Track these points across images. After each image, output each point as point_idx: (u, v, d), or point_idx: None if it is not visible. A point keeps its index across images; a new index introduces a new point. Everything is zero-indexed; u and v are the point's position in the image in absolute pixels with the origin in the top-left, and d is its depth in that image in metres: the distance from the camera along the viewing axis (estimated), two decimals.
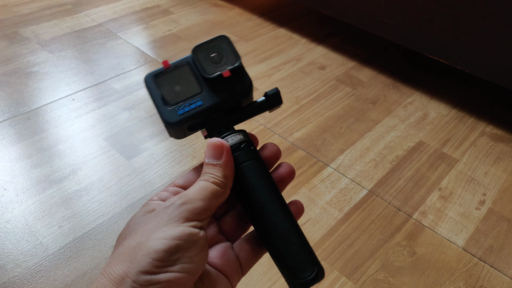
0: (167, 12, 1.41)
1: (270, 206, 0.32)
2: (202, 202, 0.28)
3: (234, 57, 0.34)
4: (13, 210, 0.74)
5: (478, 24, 0.89)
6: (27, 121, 0.93)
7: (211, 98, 0.33)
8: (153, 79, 0.33)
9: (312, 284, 0.30)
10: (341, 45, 1.28)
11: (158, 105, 0.33)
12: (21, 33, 1.24)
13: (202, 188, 0.29)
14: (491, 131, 0.99)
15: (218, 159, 0.31)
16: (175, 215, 0.27)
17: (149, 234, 0.26)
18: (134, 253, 0.26)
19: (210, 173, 0.30)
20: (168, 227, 0.27)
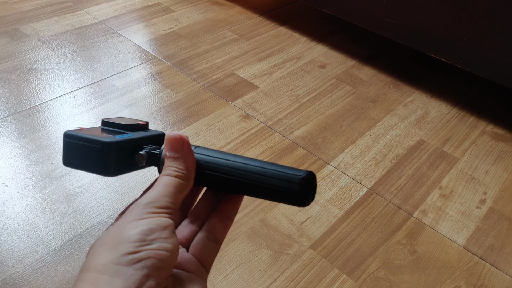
0: (168, 10, 1.41)
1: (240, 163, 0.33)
2: (167, 198, 0.29)
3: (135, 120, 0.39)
4: (14, 207, 0.74)
5: (479, 23, 0.90)
6: (28, 118, 0.93)
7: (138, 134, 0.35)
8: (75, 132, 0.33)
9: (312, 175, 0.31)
10: (341, 44, 1.28)
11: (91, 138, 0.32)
12: (22, 30, 1.24)
13: (166, 184, 0.30)
14: (492, 130, 0.99)
15: (179, 152, 0.31)
16: (143, 212, 0.28)
17: (120, 228, 0.27)
18: (111, 244, 0.26)
19: (172, 166, 0.31)
20: (138, 220, 0.27)
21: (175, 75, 1.10)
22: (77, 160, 0.33)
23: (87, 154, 0.32)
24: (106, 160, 0.32)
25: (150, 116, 0.96)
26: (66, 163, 0.33)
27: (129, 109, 0.97)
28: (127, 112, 0.96)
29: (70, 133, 0.33)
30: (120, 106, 0.98)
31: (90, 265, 0.26)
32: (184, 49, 1.21)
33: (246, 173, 0.32)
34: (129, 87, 1.05)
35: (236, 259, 0.69)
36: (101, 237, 0.28)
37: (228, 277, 0.67)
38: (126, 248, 0.26)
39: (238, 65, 1.15)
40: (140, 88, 1.04)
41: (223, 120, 0.96)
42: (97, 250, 0.27)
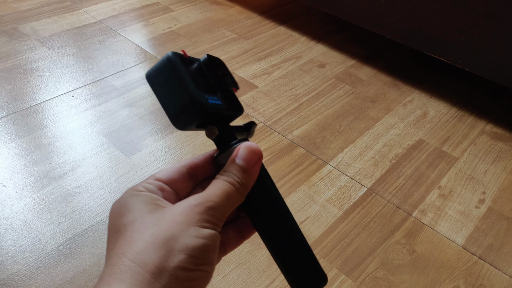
0: (167, 10, 1.41)
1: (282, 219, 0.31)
2: (225, 209, 0.28)
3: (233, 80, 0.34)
4: (12, 207, 0.74)
5: (478, 22, 0.89)
6: (27, 118, 0.93)
7: (226, 103, 0.32)
8: (179, 59, 0.30)
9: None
10: (340, 43, 1.28)
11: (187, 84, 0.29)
12: (20, 30, 1.24)
13: (227, 193, 0.28)
14: (491, 130, 0.99)
15: (250, 166, 0.30)
16: (204, 217, 0.27)
17: (181, 229, 0.26)
18: (168, 246, 0.25)
19: (237, 176, 0.29)
20: (196, 225, 0.26)
21: None
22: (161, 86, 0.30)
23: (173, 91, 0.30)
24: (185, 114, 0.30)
25: (148, 116, 0.95)
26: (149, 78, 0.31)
27: (128, 109, 0.97)
28: (126, 112, 0.96)
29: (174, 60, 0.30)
30: (119, 106, 0.98)
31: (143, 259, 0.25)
32: (183, 48, 1.21)
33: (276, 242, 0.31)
34: (128, 86, 1.04)
35: (235, 259, 0.69)
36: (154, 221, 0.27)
37: (226, 278, 0.66)
38: (185, 261, 0.25)
39: (237, 64, 1.14)
40: (139, 88, 1.04)
41: None
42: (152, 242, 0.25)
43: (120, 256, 0.25)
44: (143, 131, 0.91)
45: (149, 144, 0.88)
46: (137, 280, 0.24)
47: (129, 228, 0.27)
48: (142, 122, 0.94)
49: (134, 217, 0.27)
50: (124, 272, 0.24)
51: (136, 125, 0.93)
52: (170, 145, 0.88)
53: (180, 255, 0.25)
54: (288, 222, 0.32)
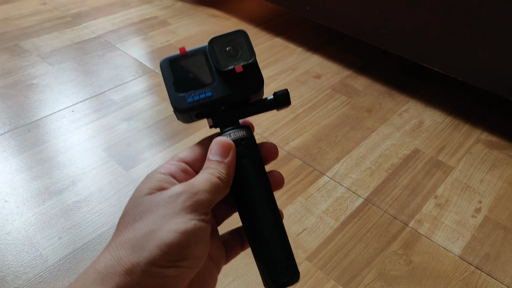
0: (165, 23, 1.43)
1: (261, 205, 0.32)
2: (208, 195, 0.29)
3: (249, 53, 0.34)
4: (13, 222, 0.75)
5: (471, 33, 0.91)
6: (28, 133, 0.94)
7: (221, 90, 0.33)
8: (168, 64, 0.34)
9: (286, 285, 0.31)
10: (336, 54, 1.29)
11: (169, 90, 0.33)
12: (22, 46, 1.26)
13: (209, 180, 0.30)
14: (486, 138, 1.00)
15: (224, 158, 0.31)
16: (187, 205, 0.27)
17: (160, 223, 0.27)
18: (145, 241, 0.26)
19: (215, 168, 0.31)
20: (180, 219, 0.27)
21: None
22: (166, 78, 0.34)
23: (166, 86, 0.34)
24: (176, 115, 0.34)
25: (147, 130, 0.97)
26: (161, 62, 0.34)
27: (127, 123, 0.98)
28: (124, 126, 0.98)
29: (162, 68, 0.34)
30: (118, 120, 0.99)
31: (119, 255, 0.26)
32: None
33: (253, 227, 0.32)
34: (127, 100, 1.06)
35: (232, 272, 0.70)
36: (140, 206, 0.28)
37: None
38: (158, 257, 0.25)
39: None
40: (138, 102, 1.06)
41: None
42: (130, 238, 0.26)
43: (106, 249, 0.27)
44: (142, 145, 0.93)
45: (148, 157, 0.89)
46: (112, 274, 0.25)
47: (121, 220, 0.28)
48: (140, 136, 0.95)
49: (128, 207, 0.29)
50: (102, 267, 0.25)
51: (135, 139, 0.94)
52: (168, 158, 0.89)
53: (154, 251, 0.25)
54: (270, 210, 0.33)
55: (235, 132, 0.33)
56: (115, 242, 0.27)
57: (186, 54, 0.34)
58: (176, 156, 0.33)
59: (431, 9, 0.95)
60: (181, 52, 0.34)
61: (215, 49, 0.34)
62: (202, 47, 0.34)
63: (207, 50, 0.34)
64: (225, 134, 0.33)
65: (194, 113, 0.34)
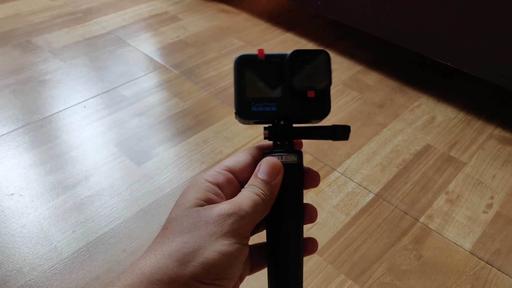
0: (175, 19, 1.44)
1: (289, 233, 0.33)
2: (252, 218, 0.30)
3: (326, 78, 0.33)
4: (28, 216, 0.76)
5: (484, 27, 0.90)
6: (41, 129, 0.96)
7: (287, 108, 0.33)
8: (244, 63, 0.33)
9: None
10: (347, 49, 1.29)
11: (237, 91, 0.33)
12: (34, 42, 1.27)
13: (254, 201, 0.30)
14: (499, 134, 0.99)
15: (272, 179, 0.32)
16: (233, 228, 0.29)
17: (208, 241, 0.28)
18: (192, 256, 0.27)
19: (260, 188, 0.31)
20: (226, 241, 0.28)
21: (183, 83, 1.12)
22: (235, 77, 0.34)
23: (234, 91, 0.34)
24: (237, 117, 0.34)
25: (158, 125, 0.97)
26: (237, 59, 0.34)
27: (138, 118, 0.99)
28: (136, 121, 0.98)
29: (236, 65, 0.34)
30: (129, 116, 1.00)
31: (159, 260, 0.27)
32: (192, 57, 1.23)
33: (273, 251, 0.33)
34: (138, 96, 1.07)
35: None
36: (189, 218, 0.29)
37: None
38: (200, 274, 0.27)
39: None
40: (149, 97, 1.07)
41: (231, 127, 0.98)
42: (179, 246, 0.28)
43: (151, 252, 0.28)
44: (153, 140, 0.93)
45: (159, 153, 0.90)
46: (154, 279, 0.27)
47: (169, 226, 0.30)
48: (152, 131, 0.96)
49: (176, 214, 0.30)
50: (147, 268, 0.27)
51: (146, 134, 0.95)
52: (180, 154, 0.90)
53: (198, 268, 0.27)
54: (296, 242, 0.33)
55: (287, 156, 0.33)
56: (162, 249, 0.28)
57: (264, 57, 0.33)
58: (222, 164, 0.34)
59: (444, 3, 0.94)
60: (259, 54, 0.33)
61: (295, 63, 0.33)
62: (281, 55, 0.33)
63: (286, 60, 0.33)
64: (277, 155, 0.33)
65: (254, 120, 0.34)
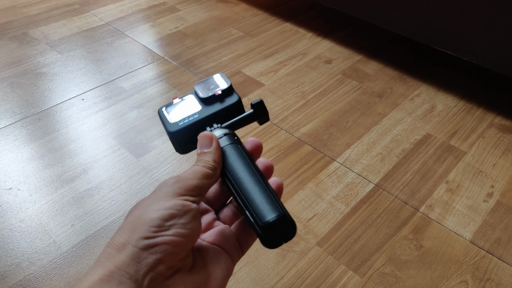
0: (174, 9, 1.42)
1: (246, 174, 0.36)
2: (193, 181, 0.32)
3: (225, 82, 0.42)
4: (27, 210, 0.76)
5: (484, 15, 0.89)
6: (39, 122, 0.95)
7: (206, 111, 0.40)
8: (164, 109, 0.41)
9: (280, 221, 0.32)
10: (347, 39, 1.28)
11: (165, 124, 0.40)
12: (30, 34, 1.26)
13: (194, 171, 0.33)
14: (500, 122, 0.98)
15: (208, 147, 0.36)
16: (169, 191, 0.31)
17: (146, 208, 0.30)
18: (134, 224, 0.29)
19: (202, 159, 0.35)
20: (163, 201, 0.30)
21: (182, 74, 1.11)
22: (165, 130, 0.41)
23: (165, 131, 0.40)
24: (173, 143, 0.40)
25: (157, 117, 0.97)
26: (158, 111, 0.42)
27: (137, 110, 0.99)
28: (135, 113, 0.98)
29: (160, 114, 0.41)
30: (128, 108, 1.00)
31: (113, 241, 0.29)
32: (190, 48, 1.22)
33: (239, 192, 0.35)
34: (136, 88, 1.06)
35: (244, 258, 0.70)
36: (132, 212, 0.31)
37: (235, 276, 0.68)
38: (144, 232, 0.28)
39: (244, 63, 1.15)
40: (147, 89, 1.06)
41: None
42: (123, 227, 0.30)
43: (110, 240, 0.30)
44: (152, 132, 0.93)
45: (158, 145, 0.90)
46: (105, 258, 0.28)
47: None
48: (150, 124, 0.95)
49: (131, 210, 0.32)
50: (101, 254, 0.29)
51: (145, 126, 0.95)
52: None
53: (142, 228, 0.29)
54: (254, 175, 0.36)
55: (218, 130, 0.39)
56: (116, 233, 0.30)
57: (177, 98, 0.42)
58: None
59: None
60: (174, 99, 0.42)
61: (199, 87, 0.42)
62: (191, 93, 0.42)
63: (194, 92, 0.42)
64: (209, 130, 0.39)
65: (187, 135, 0.39)
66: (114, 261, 0.27)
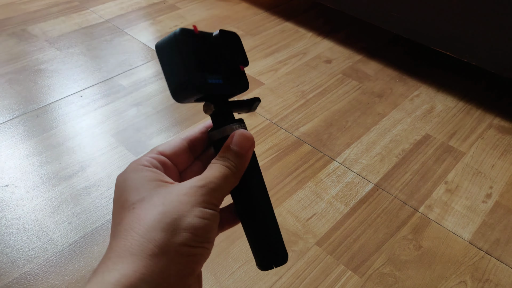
0: (174, 7, 1.42)
1: (260, 193, 0.34)
2: (224, 191, 0.31)
3: (245, 56, 0.35)
4: (23, 207, 0.76)
5: (484, 16, 0.89)
6: (36, 119, 0.95)
7: (229, 81, 0.34)
8: (187, 37, 0.31)
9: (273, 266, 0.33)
10: (347, 39, 1.28)
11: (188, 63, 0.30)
12: (29, 31, 1.26)
13: (225, 176, 0.31)
14: (499, 124, 0.98)
15: (244, 151, 0.32)
16: (207, 199, 0.29)
17: (186, 209, 0.28)
18: (175, 224, 0.27)
19: (232, 160, 0.32)
20: (203, 208, 0.29)
21: None
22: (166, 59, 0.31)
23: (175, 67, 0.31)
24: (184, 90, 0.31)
25: (156, 115, 0.96)
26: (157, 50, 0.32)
27: (136, 108, 0.98)
28: (133, 111, 0.97)
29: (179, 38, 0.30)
30: (127, 105, 0.99)
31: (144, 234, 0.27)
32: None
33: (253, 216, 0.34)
34: (135, 86, 1.06)
35: (242, 257, 0.70)
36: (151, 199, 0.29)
37: (234, 275, 0.67)
38: (189, 239, 0.27)
39: None
40: (146, 87, 1.05)
41: None
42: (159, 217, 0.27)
43: (129, 231, 0.27)
44: (151, 130, 0.92)
45: (157, 143, 0.89)
46: (146, 254, 0.26)
47: (137, 206, 0.29)
48: (149, 121, 0.95)
49: (141, 195, 0.29)
50: (133, 246, 0.27)
51: (144, 124, 0.94)
52: None
53: (185, 234, 0.27)
54: (267, 202, 0.34)
55: (242, 126, 0.34)
56: (140, 224, 0.28)
57: (200, 33, 0.32)
58: (155, 149, 0.33)
59: None
60: (195, 29, 0.32)
61: (223, 41, 0.33)
62: (209, 33, 0.33)
63: (217, 38, 0.33)
64: (234, 125, 0.33)
65: (205, 94, 0.32)
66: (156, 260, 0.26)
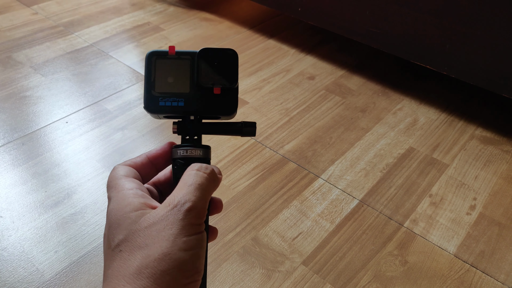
0: (158, 29, 1.43)
1: None
2: (203, 203, 0.30)
3: (233, 77, 0.34)
4: (9, 238, 0.76)
5: (461, 30, 0.91)
6: (22, 147, 0.95)
7: (194, 103, 0.34)
8: (155, 59, 0.34)
9: None
10: (329, 54, 1.29)
11: (146, 86, 0.34)
12: (14, 58, 1.26)
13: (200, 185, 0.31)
14: (481, 134, 0.99)
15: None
16: (188, 222, 0.29)
17: (170, 245, 0.28)
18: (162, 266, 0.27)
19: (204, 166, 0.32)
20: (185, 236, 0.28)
21: None
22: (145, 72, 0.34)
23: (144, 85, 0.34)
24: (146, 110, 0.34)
25: (141, 138, 0.97)
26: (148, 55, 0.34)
27: (121, 132, 0.99)
28: (119, 135, 0.98)
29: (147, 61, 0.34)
30: (112, 130, 0.99)
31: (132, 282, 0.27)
32: None
33: None
34: (121, 109, 1.06)
35: (229, 279, 0.70)
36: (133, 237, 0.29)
37: None
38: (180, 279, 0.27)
39: None
40: (132, 110, 1.06)
41: (214, 137, 0.97)
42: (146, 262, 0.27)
43: (119, 278, 0.27)
44: (136, 154, 0.92)
45: None
46: None
47: (123, 248, 0.29)
48: (135, 145, 0.95)
49: (125, 235, 0.29)
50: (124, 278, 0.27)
51: (129, 148, 0.94)
52: None
53: (174, 273, 0.27)
54: None
55: (192, 150, 0.34)
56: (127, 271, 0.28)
57: (174, 54, 0.34)
58: (145, 156, 0.36)
59: (422, 7, 0.94)
60: (170, 50, 0.34)
61: (203, 61, 0.34)
62: (191, 52, 0.34)
63: (195, 58, 0.34)
64: (183, 149, 0.34)
65: (163, 115, 0.35)
66: None
